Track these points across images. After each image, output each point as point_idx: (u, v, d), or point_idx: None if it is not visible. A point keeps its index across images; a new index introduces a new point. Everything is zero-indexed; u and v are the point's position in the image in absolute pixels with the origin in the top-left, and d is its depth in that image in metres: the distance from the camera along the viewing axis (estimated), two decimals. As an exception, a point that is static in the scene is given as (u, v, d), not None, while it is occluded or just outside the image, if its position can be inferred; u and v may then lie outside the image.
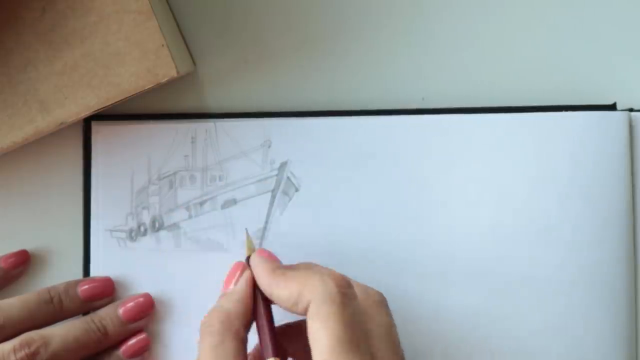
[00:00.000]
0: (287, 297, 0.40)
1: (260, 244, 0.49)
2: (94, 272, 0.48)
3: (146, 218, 0.49)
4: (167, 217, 0.49)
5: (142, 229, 0.49)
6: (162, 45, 0.44)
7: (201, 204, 0.49)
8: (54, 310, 0.46)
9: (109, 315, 0.47)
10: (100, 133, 0.49)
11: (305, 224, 0.48)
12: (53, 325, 0.46)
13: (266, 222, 0.49)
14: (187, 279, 0.48)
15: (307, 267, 0.42)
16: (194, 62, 0.50)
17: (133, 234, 0.49)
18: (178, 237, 0.48)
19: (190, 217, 0.49)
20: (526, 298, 0.48)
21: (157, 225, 0.49)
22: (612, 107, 0.49)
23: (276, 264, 0.43)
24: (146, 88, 0.44)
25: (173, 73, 0.44)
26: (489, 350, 0.47)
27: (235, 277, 0.44)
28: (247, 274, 0.43)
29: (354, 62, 0.50)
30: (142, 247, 0.49)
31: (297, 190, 0.49)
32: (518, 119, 0.48)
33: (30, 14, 0.45)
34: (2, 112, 0.45)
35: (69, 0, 0.44)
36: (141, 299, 0.47)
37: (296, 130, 0.49)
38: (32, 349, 0.43)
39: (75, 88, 0.45)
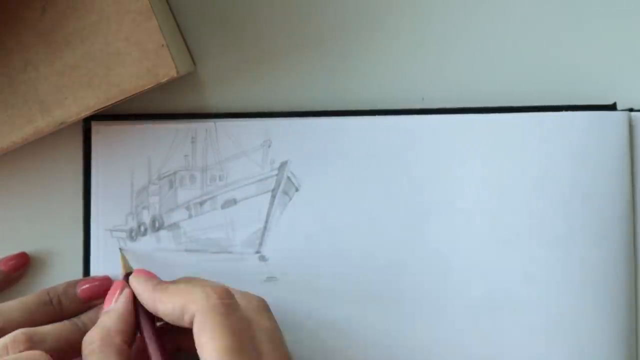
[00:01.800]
0: (172, 311, 0.42)
1: (260, 244, 0.49)
2: (94, 272, 0.48)
3: (146, 218, 0.49)
4: (167, 217, 0.49)
5: (142, 228, 0.49)
6: (162, 45, 0.44)
7: (201, 203, 0.49)
8: (53, 311, 0.46)
9: (91, 320, 0.46)
10: (100, 133, 0.49)
11: (305, 224, 0.48)
12: (45, 326, 0.46)
13: (266, 222, 0.48)
14: (187, 279, 0.48)
15: (187, 281, 0.44)
16: (194, 62, 0.50)
17: (133, 234, 0.49)
18: (178, 237, 0.48)
19: (190, 216, 0.49)
20: (526, 298, 0.48)
21: (157, 225, 0.49)
22: (612, 107, 0.49)
23: (156, 280, 0.45)
24: (146, 88, 0.44)
25: (173, 73, 0.44)
26: (489, 350, 0.47)
27: (115, 296, 0.45)
28: (126, 291, 0.45)
29: (354, 62, 0.50)
30: (142, 247, 0.49)
31: (297, 190, 0.49)
32: (518, 119, 0.48)
33: (30, 14, 0.45)
34: (2, 112, 0.45)
35: (69, 0, 0.44)
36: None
37: (296, 130, 0.49)
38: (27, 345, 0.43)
39: (75, 88, 0.45)
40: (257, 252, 0.49)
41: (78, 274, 0.49)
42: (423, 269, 0.48)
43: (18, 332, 0.43)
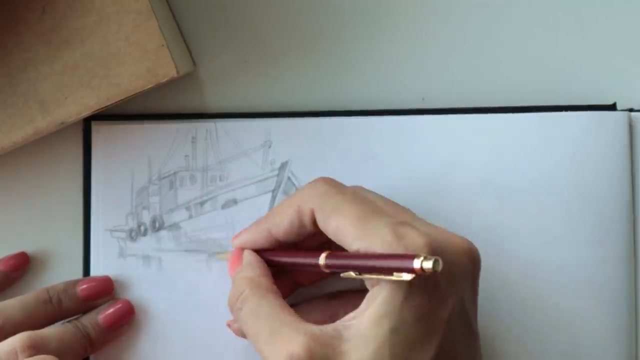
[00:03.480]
0: (290, 224, 0.43)
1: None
2: (94, 272, 0.48)
3: (146, 218, 0.49)
4: (167, 217, 0.49)
5: (142, 228, 0.49)
6: (162, 45, 0.44)
7: (201, 204, 0.49)
8: (53, 309, 0.46)
9: (90, 323, 0.46)
10: (100, 133, 0.49)
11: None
12: (47, 327, 0.46)
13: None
14: (187, 279, 0.48)
15: (287, 197, 0.44)
16: (194, 62, 0.50)
17: (133, 234, 0.49)
18: (178, 237, 0.48)
19: (190, 217, 0.49)
20: (526, 298, 0.48)
21: (157, 225, 0.49)
22: (612, 107, 0.49)
23: (256, 222, 0.45)
24: (146, 88, 0.44)
25: (173, 73, 0.44)
26: (489, 350, 0.47)
27: (238, 260, 0.45)
28: (247, 250, 0.45)
29: (354, 62, 0.50)
30: (142, 247, 0.49)
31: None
32: (518, 119, 0.48)
33: (30, 14, 0.45)
34: (2, 112, 0.45)
35: (69, 0, 0.44)
36: (119, 305, 0.47)
37: (296, 130, 0.49)
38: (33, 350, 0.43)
39: (75, 88, 0.45)
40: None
41: (78, 274, 0.49)
42: (423, 269, 0.48)
43: (24, 336, 0.43)
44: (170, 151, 0.49)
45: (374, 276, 0.38)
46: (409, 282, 0.37)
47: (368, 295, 0.39)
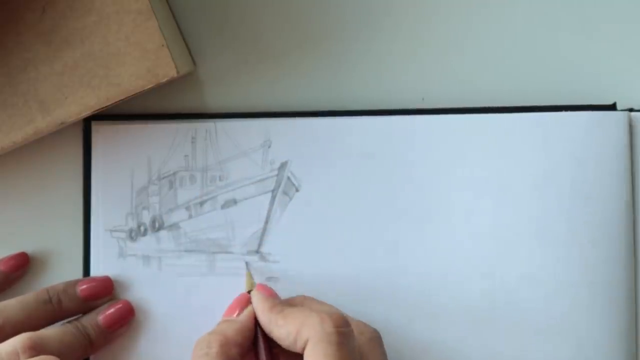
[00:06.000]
0: (286, 336, 0.42)
1: (260, 244, 0.49)
2: (94, 272, 0.48)
3: (146, 218, 0.49)
4: (167, 217, 0.49)
5: (142, 229, 0.49)
6: (162, 45, 0.44)
7: (201, 204, 0.49)
8: (53, 310, 0.46)
9: (90, 323, 0.46)
10: (100, 133, 0.49)
11: (305, 224, 0.48)
12: (47, 328, 0.46)
13: (266, 222, 0.48)
14: (187, 279, 0.48)
15: (304, 305, 0.44)
16: (194, 62, 0.50)
17: (133, 234, 0.49)
18: (178, 237, 0.48)
19: (190, 217, 0.49)
20: (526, 298, 0.48)
21: (157, 225, 0.49)
22: (612, 107, 0.49)
23: (275, 301, 0.44)
24: (146, 88, 0.44)
25: (173, 73, 0.44)
26: (489, 350, 0.47)
27: (238, 309, 0.45)
28: (251, 307, 0.45)
29: (354, 62, 0.50)
30: (142, 247, 0.49)
31: (297, 190, 0.49)
32: (518, 119, 0.48)
33: (30, 14, 0.45)
34: (2, 112, 0.45)
35: (69, 0, 0.44)
36: (119, 305, 0.47)
37: (296, 130, 0.49)
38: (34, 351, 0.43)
39: (75, 88, 0.45)
40: (257, 252, 0.49)
41: (78, 274, 0.49)
42: (423, 268, 0.48)
43: (25, 337, 0.43)
44: (170, 151, 0.49)
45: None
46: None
47: None
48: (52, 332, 0.45)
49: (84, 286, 0.47)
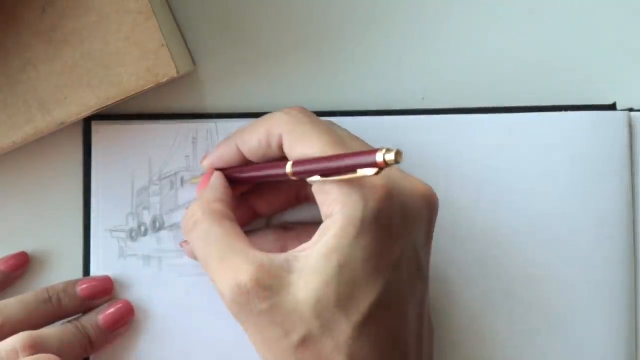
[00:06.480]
0: (258, 144, 0.42)
1: (261, 244, 0.48)
2: (94, 272, 0.48)
3: (147, 218, 0.49)
4: (167, 218, 0.49)
5: (142, 229, 0.49)
6: (162, 45, 0.44)
7: (201, 204, 0.49)
8: (53, 309, 0.46)
9: (90, 323, 0.46)
10: (100, 133, 0.49)
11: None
12: (47, 327, 0.46)
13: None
14: (187, 279, 0.48)
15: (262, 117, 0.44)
16: (194, 62, 0.50)
17: (133, 234, 0.49)
18: (179, 237, 0.48)
19: (190, 217, 0.49)
20: (526, 298, 0.48)
21: (157, 225, 0.49)
22: (612, 107, 0.49)
23: (230, 138, 0.45)
24: (146, 88, 0.44)
25: (173, 73, 0.44)
26: (488, 351, 0.48)
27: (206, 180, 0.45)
28: (216, 172, 0.45)
29: (354, 62, 0.50)
30: (143, 247, 0.48)
31: (297, 190, 0.49)
32: (518, 119, 0.48)
33: (30, 14, 0.45)
34: (2, 112, 0.45)
35: (68, 0, 0.44)
36: (120, 305, 0.47)
37: (296, 130, 0.49)
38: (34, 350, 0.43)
39: (75, 88, 0.45)
40: (257, 252, 0.48)
41: (78, 274, 0.49)
42: (423, 269, 0.48)
43: (25, 336, 0.43)
44: (171, 151, 0.49)
45: (340, 177, 0.38)
46: (361, 219, 0.37)
47: (321, 227, 0.39)
48: (51, 331, 0.45)
49: (84, 286, 0.47)
